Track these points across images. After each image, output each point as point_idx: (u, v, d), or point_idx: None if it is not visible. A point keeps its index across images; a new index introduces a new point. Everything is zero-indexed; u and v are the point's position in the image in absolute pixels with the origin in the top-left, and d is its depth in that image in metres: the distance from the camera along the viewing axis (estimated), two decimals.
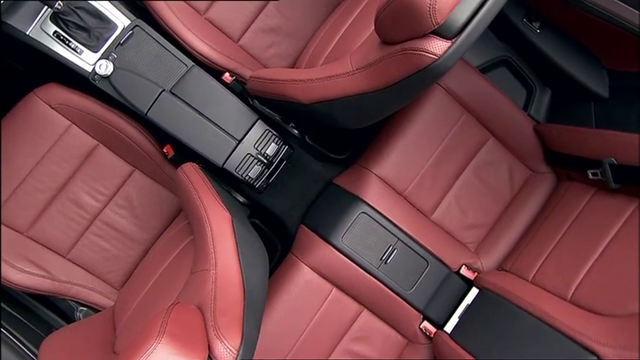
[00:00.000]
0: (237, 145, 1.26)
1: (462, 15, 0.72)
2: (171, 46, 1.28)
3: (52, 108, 1.31)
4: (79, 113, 1.31)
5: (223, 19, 1.38)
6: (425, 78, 0.78)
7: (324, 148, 1.55)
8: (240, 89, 1.34)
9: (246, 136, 1.26)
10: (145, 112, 1.23)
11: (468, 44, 0.75)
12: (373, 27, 1.02)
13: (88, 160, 1.35)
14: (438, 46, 0.73)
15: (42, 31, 1.28)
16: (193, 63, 1.28)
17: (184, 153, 1.29)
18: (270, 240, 1.60)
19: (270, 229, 1.59)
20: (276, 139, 1.28)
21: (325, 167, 1.51)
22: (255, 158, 1.26)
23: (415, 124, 1.34)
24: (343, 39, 1.18)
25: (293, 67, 1.40)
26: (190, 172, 1.12)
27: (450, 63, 0.76)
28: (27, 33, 1.28)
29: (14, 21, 1.27)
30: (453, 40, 0.74)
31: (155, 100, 1.23)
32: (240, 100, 1.28)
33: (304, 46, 1.42)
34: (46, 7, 1.25)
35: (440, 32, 0.73)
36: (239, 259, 0.87)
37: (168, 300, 1.00)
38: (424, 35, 0.74)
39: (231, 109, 1.26)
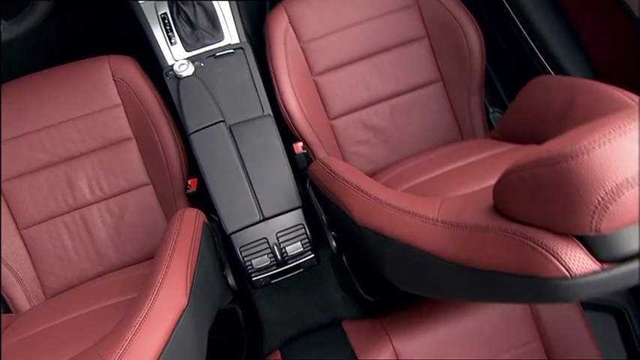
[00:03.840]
0: (259, 222, 1.01)
1: (637, 239, 0.45)
2: (261, 83, 1.11)
3: (114, 79, 1.17)
4: (134, 99, 1.16)
5: (331, 90, 1.21)
6: (533, 292, 0.50)
7: (356, 277, 1.27)
8: (304, 166, 1.12)
9: (275, 219, 1.01)
10: (190, 132, 1.04)
11: (624, 284, 0.47)
12: (489, 183, 0.77)
13: (113, 147, 1.17)
14: (578, 262, 0.46)
15: (154, 7, 1.17)
16: (271, 113, 1.09)
17: (204, 196, 1.07)
18: (240, 338, 1.30)
19: (246, 325, 1.29)
20: (306, 241, 1.02)
21: (344, 300, 1.22)
22: (269, 248, 1.00)
23: (467, 320, 1.03)
24: (443, 178, 0.94)
25: (371, 177, 1.17)
26: (188, 221, 0.88)
27: (582, 294, 0.47)
28: (139, 2, 1.18)
29: None
30: (604, 267, 0.46)
31: (207, 127, 1.04)
32: (295, 177, 1.06)
33: (396, 161, 1.20)
34: None
35: (591, 245, 0.46)
36: None
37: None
38: (565, 235, 0.47)
39: (278, 182, 1.03)
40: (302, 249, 1.01)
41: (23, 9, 1.04)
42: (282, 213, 1.02)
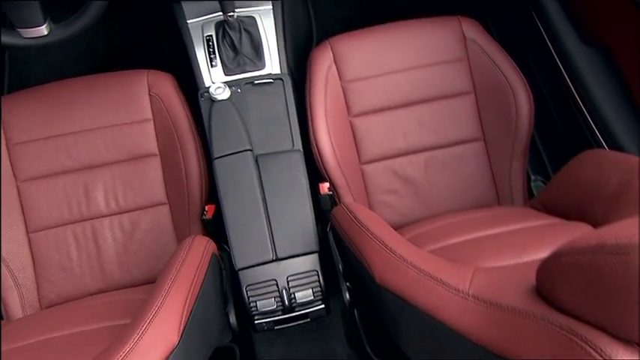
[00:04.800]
0: (271, 262, 0.94)
1: None
2: (295, 117, 1.08)
3: (149, 94, 1.15)
4: (166, 116, 1.13)
5: (366, 134, 1.16)
6: None
7: (366, 335, 1.18)
8: (327, 209, 1.06)
9: (288, 260, 0.95)
10: (215, 156, 1.00)
11: None
12: (528, 257, 0.70)
13: (135, 162, 1.14)
14: None
15: (200, 28, 1.17)
16: (301, 148, 1.04)
17: (219, 225, 1.02)
18: None
19: None
20: (318, 289, 0.95)
21: (349, 358, 1.12)
22: (278, 291, 0.93)
23: None
24: (475, 243, 0.86)
25: (396, 230, 1.10)
26: (196, 249, 0.82)
27: None
28: (187, 21, 1.17)
29: (186, 5, 1.18)
30: None
31: (233, 153, 1.00)
32: (315, 219, 1.00)
33: (425, 217, 1.13)
34: (219, 12, 1.14)
35: None
36: None
37: None
38: (627, 341, 0.39)
39: (297, 221, 0.97)
40: (312, 297, 0.94)
41: (72, 14, 1.04)
42: (297, 255, 0.96)
